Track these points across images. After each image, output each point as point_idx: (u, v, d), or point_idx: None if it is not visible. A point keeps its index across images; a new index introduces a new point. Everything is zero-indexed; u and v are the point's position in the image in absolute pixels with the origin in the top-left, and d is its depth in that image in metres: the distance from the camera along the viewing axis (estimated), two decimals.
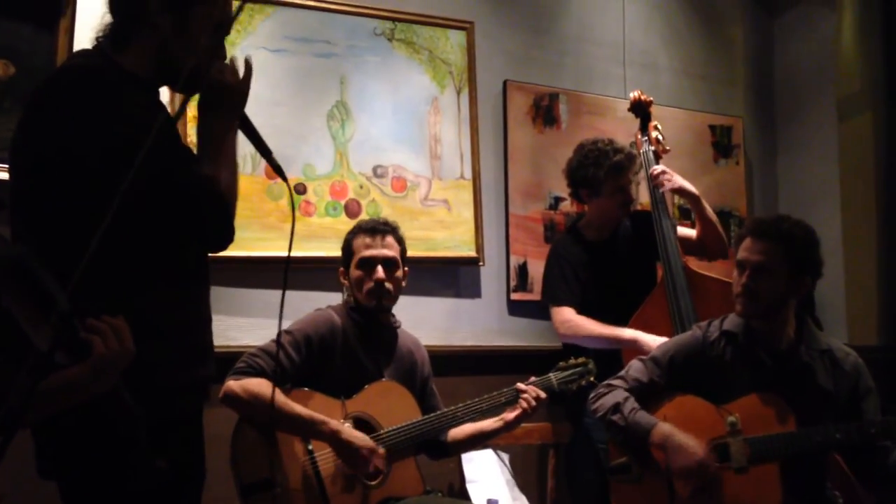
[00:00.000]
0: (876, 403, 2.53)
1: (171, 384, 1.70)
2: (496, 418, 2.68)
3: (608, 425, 2.58)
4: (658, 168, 3.33)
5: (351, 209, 3.44)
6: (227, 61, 1.82)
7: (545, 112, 3.98)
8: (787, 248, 2.46)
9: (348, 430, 2.43)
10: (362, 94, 3.52)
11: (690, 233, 3.41)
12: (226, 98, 1.77)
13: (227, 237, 1.77)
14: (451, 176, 3.68)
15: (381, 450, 2.45)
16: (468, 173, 3.71)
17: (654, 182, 3.31)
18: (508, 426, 2.67)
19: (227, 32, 1.84)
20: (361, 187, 3.48)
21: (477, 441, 2.77)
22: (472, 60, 3.77)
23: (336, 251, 2.87)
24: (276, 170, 1.84)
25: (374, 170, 3.52)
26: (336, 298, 3.17)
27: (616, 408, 2.55)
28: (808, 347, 2.54)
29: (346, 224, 3.37)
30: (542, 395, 2.65)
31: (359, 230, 2.73)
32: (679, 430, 2.48)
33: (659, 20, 4.46)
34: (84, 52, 1.81)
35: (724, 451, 2.48)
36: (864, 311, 4.23)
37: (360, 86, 3.52)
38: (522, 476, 3.39)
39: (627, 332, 3.08)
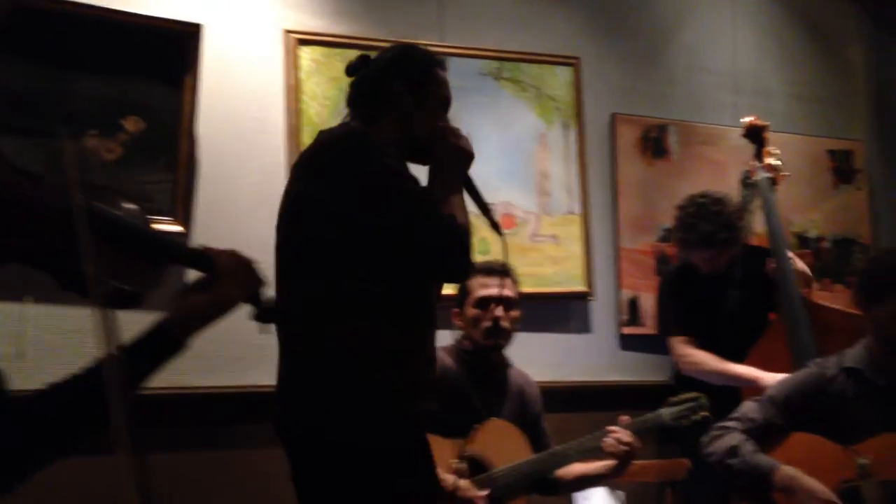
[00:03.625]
0: None
1: (401, 413, 1.86)
2: (604, 463, 2.66)
3: (725, 470, 2.50)
4: None
5: None
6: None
7: (654, 144, 3.95)
8: None
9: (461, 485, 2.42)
10: (470, 134, 3.55)
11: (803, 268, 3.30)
12: (460, 159, 2.06)
13: (467, 269, 1.97)
14: (560, 211, 3.69)
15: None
16: (577, 208, 3.72)
17: None
18: (613, 474, 2.63)
19: (449, 108, 2.14)
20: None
21: (584, 483, 2.76)
22: (580, 95, 3.78)
23: (449, 290, 2.90)
24: (493, 226, 2.11)
25: None
26: (448, 337, 3.22)
27: (733, 451, 2.47)
28: None
29: None
30: (627, 438, 2.57)
31: (475, 270, 2.75)
32: (803, 473, 2.39)
33: (772, 45, 4.36)
34: (343, 124, 2.04)
35: (855, 496, 2.36)
36: None
37: (467, 125, 3.51)
38: None
39: (747, 371, 3.01)
